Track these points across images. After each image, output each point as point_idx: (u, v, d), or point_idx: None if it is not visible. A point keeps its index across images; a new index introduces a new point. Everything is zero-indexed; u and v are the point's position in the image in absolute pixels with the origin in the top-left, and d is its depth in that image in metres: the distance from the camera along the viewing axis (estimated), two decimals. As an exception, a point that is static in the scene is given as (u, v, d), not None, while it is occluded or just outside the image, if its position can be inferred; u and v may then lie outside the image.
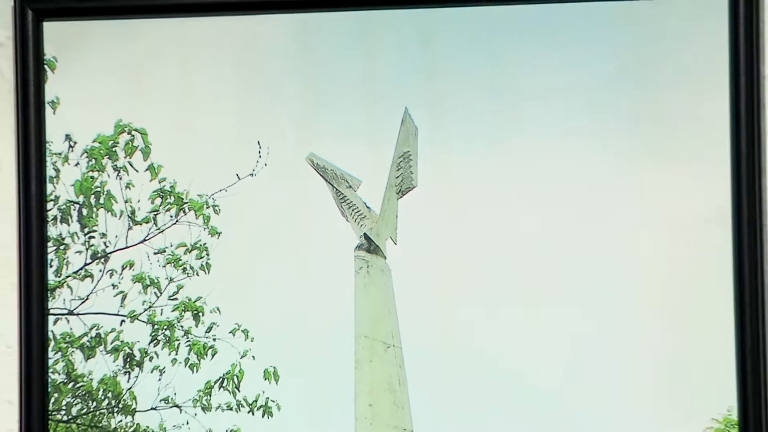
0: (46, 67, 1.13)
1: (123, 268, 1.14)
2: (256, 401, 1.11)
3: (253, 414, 1.12)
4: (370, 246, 1.11)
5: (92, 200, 1.13)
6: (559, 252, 1.08)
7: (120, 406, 1.13)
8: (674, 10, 1.06)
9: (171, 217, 1.13)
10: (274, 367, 1.11)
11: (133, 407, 1.12)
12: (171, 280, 1.13)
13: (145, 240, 1.13)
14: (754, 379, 1.03)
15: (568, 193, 1.09)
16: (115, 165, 1.14)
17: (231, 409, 1.12)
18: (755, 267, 1.03)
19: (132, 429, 1.12)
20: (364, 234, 1.12)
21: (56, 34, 1.13)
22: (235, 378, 1.12)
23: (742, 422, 1.03)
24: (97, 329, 1.13)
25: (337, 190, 1.12)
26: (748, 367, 1.03)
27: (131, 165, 1.13)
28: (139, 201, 1.14)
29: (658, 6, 1.06)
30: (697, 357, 1.06)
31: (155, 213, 1.13)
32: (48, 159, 1.14)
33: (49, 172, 1.14)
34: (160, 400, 1.12)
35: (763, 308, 1.03)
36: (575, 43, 1.08)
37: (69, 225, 1.14)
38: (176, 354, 1.13)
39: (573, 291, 1.08)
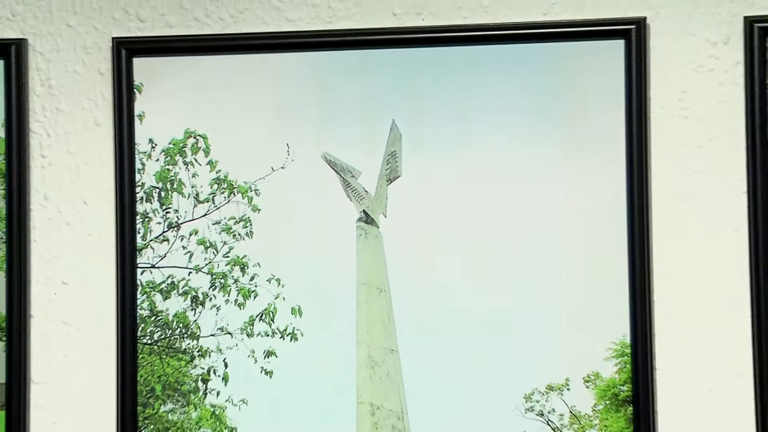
0: (135, 90, 1.34)
1: (190, 235, 1.35)
2: (285, 330, 1.33)
3: (283, 339, 1.33)
4: (367, 219, 1.34)
5: (168, 186, 1.35)
6: (504, 220, 1.30)
7: (188, 333, 1.35)
8: (587, 48, 1.28)
9: (224, 197, 1.35)
10: (299, 306, 1.33)
11: (197, 334, 1.35)
12: (225, 243, 1.34)
13: (206, 214, 1.35)
14: (642, 314, 1.26)
15: (511, 180, 1.30)
16: (185, 160, 1.35)
17: (268, 335, 1.33)
18: (642, 237, 1.26)
19: (197, 349, 1.34)
20: (363, 210, 1.33)
21: (142, 67, 1.34)
22: (270, 313, 1.34)
23: (633, 344, 1.26)
24: (171, 278, 1.35)
25: (343, 178, 1.34)
26: (638, 306, 1.26)
27: (196, 160, 1.35)
28: (201, 186, 1.35)
29: (574, 46, 1.28)
30: (601, 299, 1.29)
31: (213, 195, 1.35)
32: (137, 156, 1.35)
33: (138, 165, 1.35)
34: (217, 329, 1.34)
35: (648, 264, 1.26)
36: (516, 71, 1.29)
37: (152, 203, 1.35)
38: (228, 296, 1.34)
39: (513, 248, 1.30)
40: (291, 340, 1.34)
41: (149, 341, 1.36)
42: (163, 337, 1.36)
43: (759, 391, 1.25)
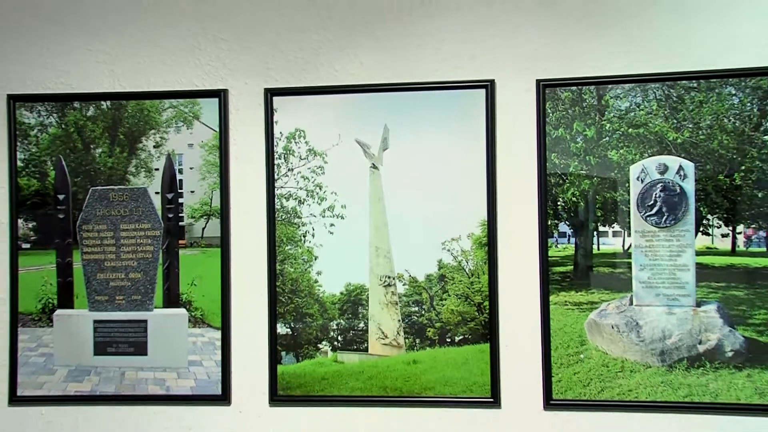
0: (274, 110, 2.74)
1: (297, 173, 2.75)
2: (339, 215, 2.72)
3: (338, 218, 2.72)
4: (374, 167, 2.71)
5: (287, 152, 2.74)
6: (432, 169, 2.69)
7: (297, 215, 2.75)
8: (468, 93, 2.65)
9: (312, 157, 2.73)
10: (345, 204, 2.71)
11: (301, 215, 2.75)
12: (311, 177, 2.73)
13: (304, 165, 2.76)
14: (491, 206, 2.66)
15: (435, 152, 2.69)
16: (295, 141, 2.75)
17: (331, 216, 2.73)
18: (492, 179, 2.65)
19: (301, 222, 2.74)
20: (372, 163, 2.71)
21: (277, 100, 2.72)
22: (332, 207, 2.71)
23: (488, 219, 2.66)
24: (289, 192, 2.74)
25: (364, 149, 2.70)
26: (489, 204, 2.66)
27: (299, 141, 2.75)
28: (301, 152, 2.74)
29: (464, 92, 2.65)
30: (475, 202, 2.68)
31: (307, 156, 2.74)
32: (274, 140, 2.75)
33: (275, 143, 2.75)
34: (309, 214, 2.75)
35: (494, 187, 2.65)
36: (440, 104, 2.67)
37: (280, 160, 2.75)
38: (314, 200, 2.73)
39: (438, 180, 2.69)
40: (341, 219, 2.76)
41: (279, 218, 2.80)
42: (285, 217, 2.81)
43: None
